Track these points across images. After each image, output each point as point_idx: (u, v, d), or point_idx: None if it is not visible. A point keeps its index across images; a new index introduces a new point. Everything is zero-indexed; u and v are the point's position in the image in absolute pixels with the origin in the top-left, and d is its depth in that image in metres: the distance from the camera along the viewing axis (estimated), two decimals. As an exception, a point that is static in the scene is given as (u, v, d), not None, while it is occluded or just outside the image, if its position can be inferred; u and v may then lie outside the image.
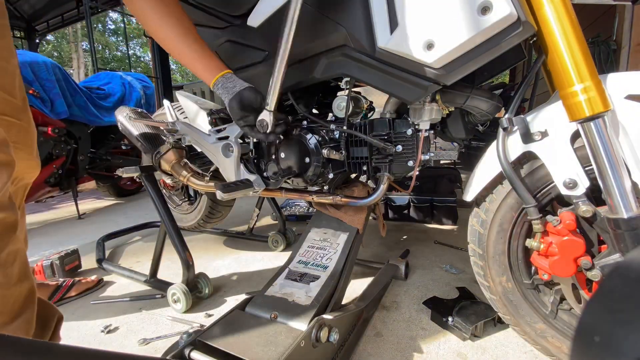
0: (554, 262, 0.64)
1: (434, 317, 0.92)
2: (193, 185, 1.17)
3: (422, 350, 0.81)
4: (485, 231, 0.76)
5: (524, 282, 0.75)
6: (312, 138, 0.91)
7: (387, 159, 0.87)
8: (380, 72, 0.74)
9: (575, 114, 0.59)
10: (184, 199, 1.72)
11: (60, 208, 3.06)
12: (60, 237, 2.10)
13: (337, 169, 0.95)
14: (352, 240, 0.95)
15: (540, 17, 0.62)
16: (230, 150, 0.97)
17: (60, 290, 1.06)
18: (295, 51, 0.86)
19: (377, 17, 0.69)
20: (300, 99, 1.00)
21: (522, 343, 0.82)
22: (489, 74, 0.87)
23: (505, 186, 0.72)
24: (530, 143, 0.66)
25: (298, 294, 0.80)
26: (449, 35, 0.62)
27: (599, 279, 0.62)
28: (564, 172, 0.63)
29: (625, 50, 2.09)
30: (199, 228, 1.73)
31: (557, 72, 0.62)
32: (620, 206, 0.58)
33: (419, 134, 0.84)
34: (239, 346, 0.63)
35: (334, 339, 0.68)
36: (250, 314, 0.76)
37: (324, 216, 1.05)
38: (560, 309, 0.73)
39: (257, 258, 1.48)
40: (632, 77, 0.61)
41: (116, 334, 0.99)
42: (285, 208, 2.04)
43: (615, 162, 0.58)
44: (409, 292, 1.08)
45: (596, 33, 2.30)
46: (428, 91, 0.69)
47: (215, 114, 1.10)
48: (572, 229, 0.63)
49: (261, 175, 0.98)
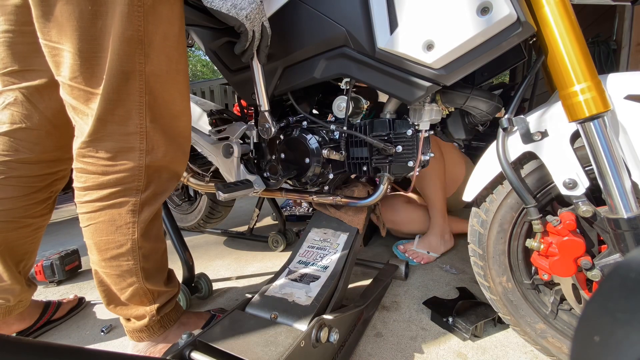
0: (554, 262, 0.64)
1: (434, 317, 0.92)
2: (193, 186, 1.17)
3: (422, 351, 0.81)
4: (485, 231, 0.76)
5: (524, 282, 0.75)
6: (312, 138, 0.91)
7: (387, 160, 0.87)
8: (380, 73, 0.74)
9: (575, 114, 0.59)
10: (184, 199, 1.72)
11: (60, 208, 3.06)
12: (60, 237, 2.10)
13: (337, 170, 0.95)
14: (352, 240, 0.95)
15: (540, 17, 0.62)
16: (230, 151, 0.97)
17: (47, 312, 1.03)
18: (294, 51, 0.86)
19: (377, 18, 0.69)
20: (301, 100, 1.00)
21: (522, 343, 0.82)
22: (489, 75, 0.87)
23: (505, 186, 0.72)
24: (530, 143, 0.66)
25: (298, 294, 0.80)
26: (448, 36, 0.62)
27: (599, 279, 0.62)
28: (564, 172, 0.63)
29: (625, 50, 2.09)
30: (199, 228, 1.73)
31: (557, 72, 0.62)
32: (620, 206, 0.58)
33: (419, 134, 0.84)
34: (239, 346, 0.63)
35: (334, 339, 0.67)
36: (250, 314, 0.76)
37: (324, 216, 1.05)
38: (560, 309, 0.73)
39: (257, 258, 1.48)
40: (632, 77, 0.61)
41: (116, 334, 0.99)
42: (285, 208, 2.04)
43: (615, 162, 0.58)
44: (409, 292, 1.08)
45: (596, 33, 2.31)
46: (428, 92, 0.69)
47: (215, 114, 1.10)
48: (572, 229, 0.63)
49: (261, 176, 0.98)
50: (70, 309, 1.10)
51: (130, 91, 0.64)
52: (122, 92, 0.63)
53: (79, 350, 0.31)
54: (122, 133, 0.65)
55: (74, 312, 1.11)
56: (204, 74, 15.30)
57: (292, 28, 0.84)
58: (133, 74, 0.63)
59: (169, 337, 0.81)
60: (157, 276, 0.79)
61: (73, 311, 1.11)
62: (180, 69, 0.70)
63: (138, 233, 0.72)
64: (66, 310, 1.08)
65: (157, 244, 0.79)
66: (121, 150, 0.66)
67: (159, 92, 0.67)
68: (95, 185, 0.68)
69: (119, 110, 0.64)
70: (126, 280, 0.74)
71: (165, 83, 0.68)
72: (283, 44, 0.87)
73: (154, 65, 0.64)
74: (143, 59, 0.63)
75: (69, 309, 1.09)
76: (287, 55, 0.88)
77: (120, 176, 0.67)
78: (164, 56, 0.66)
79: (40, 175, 0.85)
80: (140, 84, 0.64)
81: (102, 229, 0.70)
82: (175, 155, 0.74)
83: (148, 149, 0.68)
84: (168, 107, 0.70)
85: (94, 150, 0.66)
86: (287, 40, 0.86)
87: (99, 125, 0.64)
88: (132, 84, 0.63)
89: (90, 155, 0.66)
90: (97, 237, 0.71)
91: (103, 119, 0.64)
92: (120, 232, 0.70)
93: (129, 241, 0.71)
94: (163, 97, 0.68)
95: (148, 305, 0.78)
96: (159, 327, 0.80)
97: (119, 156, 0.66)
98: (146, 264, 0.75)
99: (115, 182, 0.67)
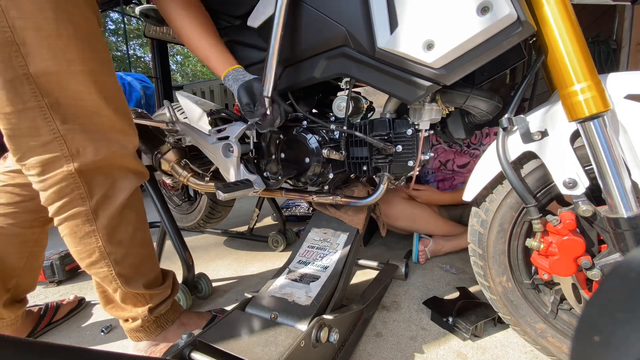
0: (554, 262, 0.64)
1: (434, 317, 0.92)
2: (193, 186, 1.17)
3: (423, 351, 0.81)
4: (485, 231, 0.76)
5: (524, 282, 0.75)
6: (312, 138, 0.91)
7: (387, 159, 0.87)
8: (380, 72, 0.74)
9: (575, 114, 0.59)
10: (184, 199, 1.72)
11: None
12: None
13: (337, 169, 0.95)
14: (352, 240, 0.95)
15: (540, 17, 0.62)
16: (230, 151, 0.97)
17: (47, 315, 1.02)
18: (294, 51, 0.86)
19: (377, 17, 0.69)
20: (300, 99, 1.00)
21: (522, 343, 0.82)
22: (489, 74, 0.87)
23: (505, 186, 0.72)
24: (530, 143, 0.66)
25: (298, 294, 0.80)
26: (448, 36, 0.62)
27: (599, 279, 0.62)
28: (564, 171, 0.63)
29: (625, 50, 2.09)
30: (199, 228, 1.73)
31: (557, 72, 0.62)
32: (620, 206, 0.58)
33: (419, 134, 0.84)
34: (239, 346, 0.63)
35: (334, 339, 0.67)
36: (250, 314, 0.76)
37: (324, 216, 1.05)
38: (560, 309, 0.73)
39: (257, 258, 1.48)
40: (632, 77, 0.61)
41: (116, 334, 0.99)
42: (285, 209, 2.04)
43: (615, 161, 0.58)
44: (409, 292, 1.08)
45: (596, 33, 2.30)
46: (428, 91, 0.69)
47: (215, 114, 1.10)
48: (572, 229, 0.63)
49: (261, 176, 0.98)
50: (70, 310, 1.09)
51: (24, 99, 0.58)
52: (15, 103, 0.58)
53: (79, 350, 0.31)
54: (39, 144, 0.61)
55: (73, 312, 1.11)
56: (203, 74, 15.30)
57: (292, 27, 0.84)
58: (17, 80, 0.57)
59: (169, 337, 0.81)
60: (140, 280, 0.77)
61: (73, 312, 1.11)
62: (72, 58, 0.60)
63: (103, 240, 0.69)
64: (66, 311, 1.08)
65: (133, 249, 0.75)
66: (46, 162, 0.62)
67: (58, 92, 0.60)
68: (45, 202, 0.66)
69: (23, 122, 0.59)
70: (111, 285, 0.73)
71: (60, 81, 0.60)
72: (283, 43, 0.87)
73: (37, 64, 0.57)
74: (23, 60, 0.56)
75: (69, 309, 1.09)
76: (287, 55, 0.88)
77: (57, 188, 0.64)
78: (45, 50, 0.58)
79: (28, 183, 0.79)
80: (32, 87, 0.58)
81: (69, 241, 0.70)
82: (110, 151, 0.67)
83: (72, 153, 0.63)
84: (77, 105, 0.63)
85: (25, 168, 0.63)
86: (287, 39, 0.86)
87: (14, 143, 0.61)
88: (22, 91, 0.58)
89: (27, 174, 0.64)
90: (70, 248, 0.71)
91: (13, 136, 0.60)
92: (83, 242, 0.69)
93: (96, 250, 0.69)
94: (66, 95, 0.61)
95: (140, 307, 0.77)
96: (155, 327, 0.80)
97: (47, 169, 0.63)
98: (122, 270, 0.73)
99: (56, 196, 0.65)
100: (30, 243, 0.88)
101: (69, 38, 0.60)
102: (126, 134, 0.72)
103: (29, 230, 0.86)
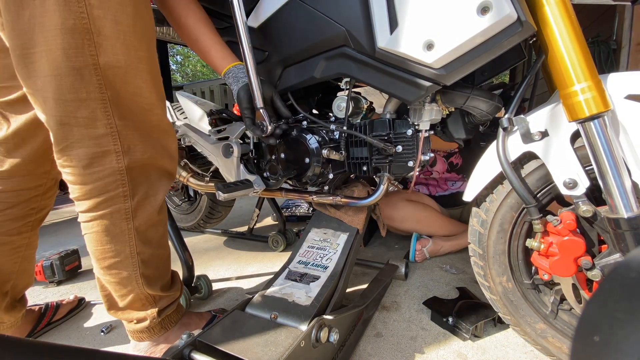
0: (554, 262, 0.64)
1: (434, 317, 0.92)
2: (193, 186, 1.17)
3: (423, 351, 0.81)
4: (486, 231, 0.75)
5: (524, 282, 0.75)
6: (312, 138, 0.91)
7: (387, 160, 0.87)
8: (380, 73, 0.74)
9: (575, 114, 0.59)
10: (184, 199, 1.72)
11: (60, 208, 3.06)
12: (60, 237, 2.10)
13: (337, 170, 0.95)
14: (352, 240, 0.95)
15: (540, 17, 0.62)
16: (230, 151, 0.97)
17: (47, 315, 1.01)
18: (294, 51, 0.86)
19: (377, 17, 0.69)
20: (300, 99, 1.00)
21: (522, 343, 0.82)
22: (489, 74, 0.87)
23: (505, 186, 0.72)
24: (530, 143, 0.66)
25: (298, 294, 0.80)
26: (448, 36, 0.62)
27: (599, 279, 0.62)
28: (564, 172, 0.63)
29: (625, 50, 2.09)
30: (199, 228, 1.73)
31: (557, 72, 0.62)
32: (620, 206, 0.58)
33: (419, 134, 0.84)
34: (239, 346, 0.63)
35: (334, 339, 0.67)
36: (250, 314, 0.76)
37: (324, 216, 1.05)
38: (560, 309, 0.73)
39: (257, 258, 1.48)
40: (632, 77, 0.61)
41: (116, 334, 0.99)
42: (285, 209, 2.04)
43: (615, 161, 0.58)
44: (409, 292, 1.08)
45: (596, 33, 2.30)
46: (428, 91, 0.69)
47: (215, 114, 1.10)
48: (572, 229, 0.63)
49: (261, 176, 0.98)
50: (69, 310, 1.09)
51: (89, 89, 0.57)
52: (79, 91, 0.57)
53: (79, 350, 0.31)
54: (92, 136, 0.60)
55: (73, 312, 1.11)
56: (203, 74, 15.30)
57: (292, 28, 0.84)
58: (86, 69, 0.56)
59: (170, 337, 0.81)
60: (159, 282, 0.78)
61: (73, 312, 1.10)
62: (142, 56, 0.62)
63: (136, 239, 0.69)
64: (66, 311, 1.08)
65: (159, 250, 0.76)
66: (95, 156, 0.61)
67: (121, 86, 0.60)
68: (81, 196, 0.64)
69: (82, 112, 0.58)
70: (126, 287, 0.72)
71: (127, 75, 0.60)
72: (283, 43, 0.87)
73: (108, 56, 0.57)
74: (94, 50, 0.55)
75: (69, 309, 1.09)
76: (287, 55, 0.88)
77: (102, 184, 0.63)
78: (120, 44, 0.58)
79: (14, 190, 0.79)
80: (98, 79, 0.57)
81: (97, 239, 0.68)
82: (155, 151, 0.68)
83: (124, 149, 0.63)
84: (136, 101, 0.63)
85: (68, 159, 0.61)
86: (287, 39, 0.86)
87: (64, 131, 0.59)
88: (89, 81, 0.57)
89: (66, 165, 0.62)
90: (94, 247, 0.69)
91: (66, 123, 0.58)
92: (116, 240, 0.67)
93: (127, 248, 0.68)
94: (127, 90, 0.61)
95: (149, 309, 0.77)
96: (160, 329, 0.80)
97: (95, 162, 0.61)
98: (146, 270, 0.73)
99: (98, 191, 0.63)
100: (21, 248, 0.86)
101: (142, 36, 0.61)
102: (169, 135, 0.73)
103: (17, 237, 0.84)
